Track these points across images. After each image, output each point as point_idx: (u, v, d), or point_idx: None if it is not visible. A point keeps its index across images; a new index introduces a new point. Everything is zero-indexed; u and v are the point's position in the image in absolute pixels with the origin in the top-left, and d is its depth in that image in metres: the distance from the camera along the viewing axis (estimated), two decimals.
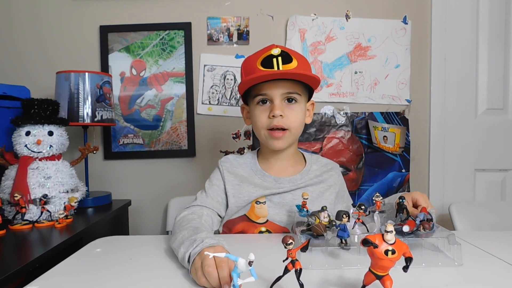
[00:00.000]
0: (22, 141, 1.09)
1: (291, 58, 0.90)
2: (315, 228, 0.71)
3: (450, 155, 1.64)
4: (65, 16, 1.57)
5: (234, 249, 0.80)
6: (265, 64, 0.89)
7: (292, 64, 0.89)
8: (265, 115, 0.93)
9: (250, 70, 0.91)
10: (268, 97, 0.92)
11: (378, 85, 1.59)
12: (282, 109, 0.91)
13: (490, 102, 1.64)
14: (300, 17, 1.57)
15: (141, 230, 1.61)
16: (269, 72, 0.88)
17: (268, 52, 0.90)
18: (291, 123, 0.93)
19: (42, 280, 0.63)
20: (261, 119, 0.93)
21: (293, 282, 0.54)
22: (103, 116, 1.33)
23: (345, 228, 0.68)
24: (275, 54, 0.89)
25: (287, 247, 0.53)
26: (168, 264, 0.72)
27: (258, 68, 0.89)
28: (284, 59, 0.89)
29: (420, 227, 0.71)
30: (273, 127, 0.92)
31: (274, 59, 0.89)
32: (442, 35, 1.60)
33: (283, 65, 0.88)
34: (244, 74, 0.95)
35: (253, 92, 0.94)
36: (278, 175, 0.99)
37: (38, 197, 1.06)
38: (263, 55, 0.91)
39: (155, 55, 1.57)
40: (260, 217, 0.96)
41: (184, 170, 1.60)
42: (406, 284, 0.59)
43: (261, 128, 0.94)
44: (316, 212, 0.74)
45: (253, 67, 0.91)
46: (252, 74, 0.90)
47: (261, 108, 0.94)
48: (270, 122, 0.92)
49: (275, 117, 0.91)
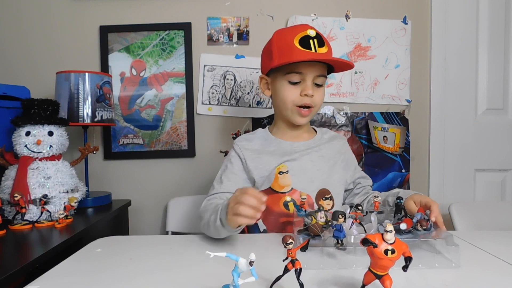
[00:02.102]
0: (22, 141, 1.09)
1: (323, 42, 0.97)
2: (312, 228, 0.71)
3: (450, 155, 1.64)
4: (65, 16, 1.58)
5: (234, 249, 0.80)
6: (302, 44, 0.95)
7: (324, 48, 0.97)
8: (296, 92, 1.00)
9: (287, 48, 0.97)
10: (301, 76, 0.99)
11: (378, 85, 1.59)
12: (313, 89, 0.99)
13: (490, 102, 1.64)
14: (300, 17, 1.57)
15: (141, 230, 1.61)
16: (309, 55, 0.94)
17: (304, 32, 0.96)
18: (317, 102, 1.02)
19: (42, 280, 0.63)
20: (291, 95, 1.00)
21: (293, 282, 0.54)
22: (103, 116, 1.33)
23: (341, 229, 0.69)
24: (312, 35, 0.96)
25: (287, 246, 0.53)
26: (168, 264, 0.72)
27: (296, 46, 0.95)
28: (319, 42, 0.96)
29: (418, 225, 0.72)
30: (303, 104, 1.00)
31: (311, 41, 0.95)
32: (442, 35, 1.60)
33: (319, 48, 0.95)
34: (278, 49, 0.99)
35: (286, 68, 0.99)
36: (292, 141, 1.08)
37: (38, 197, 1.06)
38: (300, 34, 0.96)
39: (155, 55, 1.57)
40: (285, 187, 1.00)
41: (184, 170, 1.60)
42: (406, 284, 0.59)
43: (289, 103, 1.01)
44: (313, 212, 0.74)
45: (290, 45, 0.96)
46: (288, 51, 0.95)
47: (291, 86, 1.00)
48: (300, 100, 1.00)
49: (307, 96, 0.99)
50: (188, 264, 0.71)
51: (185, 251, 0.80)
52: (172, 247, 0.82)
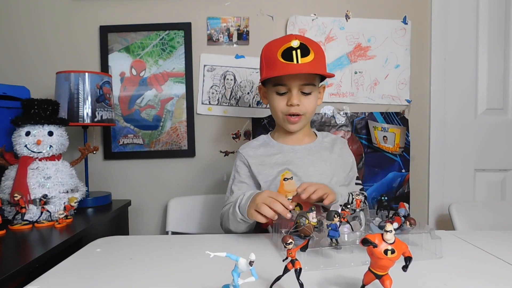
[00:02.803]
0: (22, 141, 1.09)
1: (309, 50, 0.99)
2: (305, 229, 0.71)
3: (450, 155, 1.63)
4: (65, 16, 1.57)
5: (234, 249, 0.80)
6: (285, 56, 0.98)
7: (309, 57, 0.98)
8: (283, 102, 1.04)
9: (271, 61, 1.01)
10: (287, 87, 1.02)
11: (378, 85, 1.59)
12: (299, 98, 1.02)
13: (490, 102, 1.64)
14: (300, 17, 1.57)
15: (141, 230, 1.61)
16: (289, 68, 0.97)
17: (288, 44, 0.98)
18: (307, 109, 1.04)
19: (42, 280, 0.63)
20: (279, 105, 1.05)
21: (293, 282, 0.54)
22: (103, 116, 1.33)
23: (336, 228, 0.69)
24: (295, 46, 0.98)
25: (287, 246, 0.53)
26: (168, 264, 0.72)
27: (279, 59, 0.99)
28: (302, 52, 0.98)
29: (406, 223, 0.74)
30: (290, 113, 1.04)
31: (294, 52, 0.97)
32: (442, 35, 1.60)
33: (302, 58, 0.97)
34: (265, 62, 1.05)
35: (273, 80, 1.04)
36: (293, 145, 1.11)
37: (38, 197, 1.06)
38: (283, 46, 0.99)
39: (155, 55, 1.57)
40: (290, 192, 1.02)
41: (184, 170, 1.60)
42: (406, 284, 0.59)
43: (279, 113, 1.06)
44: (305, 213, 0.75)
45: (274, 58, 1.00)
46: (273, 65, 1.00)
47: (279, 97, 1.05)
48: (288, 109, 1.04)
49: (293, 106, 1.02)
50: (188, 264, 0.71)
51: (185, 251, 0.80)
52: (172, 247, 0.82)
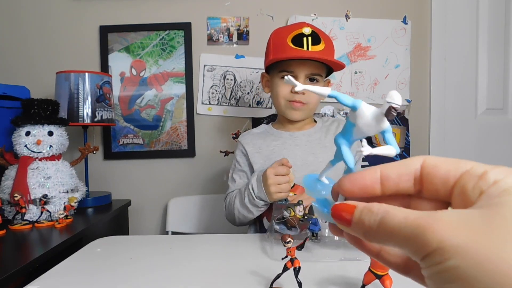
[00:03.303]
0: (22, 141, 1.09)
1: (320, 39, 0.96)
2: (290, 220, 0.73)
3: (450, 155, 1.63)
4: (65, 16, 1.57)
5: (233, 249, 0.80)
6: (295, 42, 0.95)
7: (320, 46, 0.95)
8: (287, 88, 1.00)
9: (280, 45, 0.97)
10: (293, 74, 0.99)
11: (378, 85, 1.59)
12: None
13: (490, 102, 1.64)
14: (300, 17, 1.57)
15: (141, 230, 1.61)
16: (299, 53, 0.94)
17: (299, 30, 0.96)
18: (311, 99, 1.01)
19: (42, 280, 0.63)
20: (283, 91, 1.01)
21: (292, 280, 0.54)
22: (103, 116, 1.33)
23: (316, 222, 0.71)
24: (306, 33, 0.95)
25: (286, 245, 0.53)
26: (168, 264, 0.72)
27: (289, 44, 0.95)
28: (313, 40, 0.95)
29: None
30: (294, 100, 1.00)
31: (305, 38, 0.94)
32: (442, 35, 1.60)
33: (312, 45, 0.94)
34: (273, 46, 1.01)
35: (280, 66, 1.01)
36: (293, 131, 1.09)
37: (38, 197, 1.06)
38: (294, 32, 0.96)
39: (155, 55, 1.57)
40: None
41: (184, 170, 1.60)
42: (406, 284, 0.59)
43: (282, 98, 1.02)
44: (292, 205, 0.76)
45: (283, 43, 0.96)
46: (281, 49, 0.96)
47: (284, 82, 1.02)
48: (291, 96, 1.00)
49: (297, 93, 0.99)
50: (188, 264, 0.71)
51: (185, 251, 0.80)
52: (172, 247, 0.82)
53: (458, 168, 0.21)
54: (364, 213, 0.21)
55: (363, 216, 0.21)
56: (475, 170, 0.21)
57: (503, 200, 0.18)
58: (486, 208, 0.18)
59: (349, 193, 0.24)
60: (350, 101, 0.28)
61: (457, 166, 0.21)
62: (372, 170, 0.24)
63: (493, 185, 0.19)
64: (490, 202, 0.19)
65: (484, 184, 0.20)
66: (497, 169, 0.20)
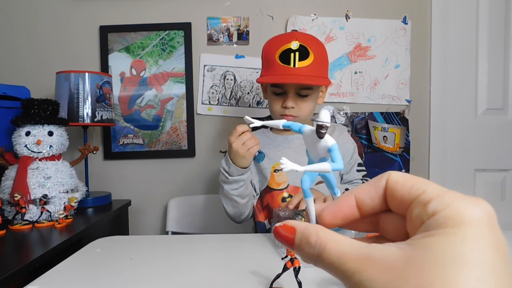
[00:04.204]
0: (22, 141, 1.09)
1: (308, 53, 0.97)
2: None
3: (450, 155, 1.64)
4: (65, 16, 1.57)
5: (233, 249, 0.80)
6: (282, 58, 0.97)
7: (307, 61, 0.96)
8: (279, 103, 1.03)
9: (269, 61, 1.00)
10: (283, 89, 1.02)
11: (378, 85, 1.59)
12: (295, 100, 1.02)
13: (490, 102, 1.64)
14: (300, 17, 1.57)
15: (141, 230, 1.61)
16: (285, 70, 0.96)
17: (287, 45, 0.97)
18: (302, 112, 1.03)
19: (42, 280, 0.63)
20: (275, 106, 1.05)
21: (292, 281, 0.54)
22: (103, 116, 1.33)
23: None
24: (294, 48, 0.96)
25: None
26: (168, 264, 0.72)
27: (277, 61, 0.98)
28: (301, 54, 0.96)
29: None
30: (284, 115, 1.03)
31: (292, 54, 0.96)
32: (442, 35, 1.60)
33: (299, 61, 0.96)
34: (264, 61, 1.04)
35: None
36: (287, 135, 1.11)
37: (38, 197, 1.06)
38: (282, 47, 0.98)
39: (155, 55, 1.57)
40: (281, 183, 1.04)
41: (184, 170, 1.60)
42: None
43: (275, 113, 1.07)
44: (301, 211, 0.75)
45: (272, 59, 0.99)
46: (271, 65, 0.99)
47: (276, 97, 1.04)
48: (283, 111, 1.03)
49: (287, 108, 1.01)
50: (188, 264, 0.71)
51: (185, 251, 0.80)
52: (172, 247, 0.82)
53: (412, 192, 0.21)
54: (303, 243, 0.22)
55: (303, 246, 0.22)
56: (423, 197, 0.20)
57: (430, 242, 0.18)
58: (414, 248, 0.18)
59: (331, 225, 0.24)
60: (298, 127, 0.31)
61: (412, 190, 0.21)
62: (347, 197, 0.24)
63: (431, 217, 0.19)
64: (419, 241, 0.18)
65: (425, 214, 0.19)
66: (445, 196, 0.20)
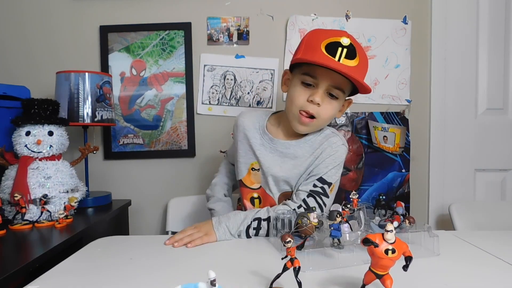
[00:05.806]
0: (22, 141, 1.09)
1: (355, 55, 0.88)
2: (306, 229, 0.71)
3: (450, 155, 1.63)
4: (65, 16, 1.57)
5: (233, 249, 0.80)
6: (329, 49, 0.87)
7: (353, 62, 0.87)
8: (304, 96, 0.93)
9: (312, 47, 0.89)
10: (316, 81, 0.92)
11: (378, 85, 1.59)
12: (323, 97, 0.92)
13: (490, 102, 1.64)
14: (300, 17, 1.57)
15: (141, 230, 1.61)
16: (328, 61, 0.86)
17: (337, 38, 0.88)
18: (324, 114, 0.94)
19: (42, 280, 0.63)
20: (299, 97, 0.94)
21: (292, 281, 0.54)
22: (103, 116, 1.33)
23: (338, 228, 0.69)
24: (344, 44, 0.87)
25: (286, 245, 0.53)
26: (168, 264, 0.72)
27: (321, 49, 0.87)
28: (348, 53, 0.87)
29: (406, 221, 0.75)
30: (306, 110, 0.93)
31: (340, 49, 0.87)
32: (442, 35, 1.60)
33: (345, 59, 0.86)
34: (305, 46, 0.93)
35: (304, 68, 0.93)
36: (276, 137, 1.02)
37: (38, 197, 1.06)
38: (331, 38, 0.88)
39: (155, 55, 1.57)
40: (255, 183, 1.04)
41: (184, 170, 1.60)
42: (407, 283, 0.59)
43: (295, 106, 0.95)
44: (305, 213, 0.74)
45: (316, 46, 0.89)
46: (312, 52, 0.88)
47: (303, 88, 0.94)
48: (306, 105, 0.93)
49: (313, 103, 0.92)
50: (188, 264, 0.71)
51: (185, 251, 0.80)
52: (172, 247, 0.82)
53: None
54: None
55: None
56: None
57: None
58: None
59: None
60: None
61: None
62: None
63: None
64: None
65: None
66: None
